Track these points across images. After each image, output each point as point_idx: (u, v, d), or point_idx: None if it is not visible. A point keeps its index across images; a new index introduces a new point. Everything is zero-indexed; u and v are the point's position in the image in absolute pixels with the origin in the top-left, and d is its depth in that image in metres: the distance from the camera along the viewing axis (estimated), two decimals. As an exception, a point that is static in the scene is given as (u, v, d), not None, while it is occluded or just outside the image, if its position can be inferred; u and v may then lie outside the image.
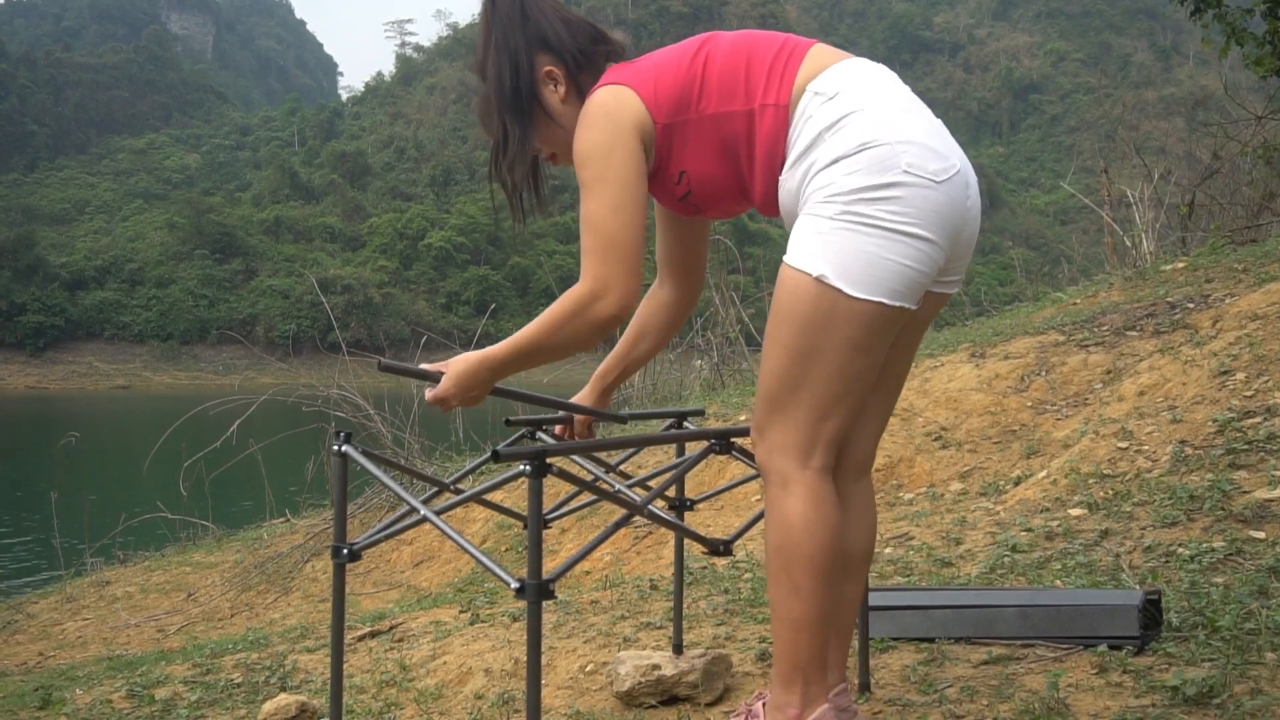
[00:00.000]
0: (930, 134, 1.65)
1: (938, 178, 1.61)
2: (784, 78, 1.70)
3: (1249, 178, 8.82)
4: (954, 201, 1.64)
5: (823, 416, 1.66)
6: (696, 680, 2.22)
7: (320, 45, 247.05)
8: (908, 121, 1.64)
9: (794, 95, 1.68)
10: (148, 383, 69.78)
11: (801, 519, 1.65)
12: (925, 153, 1.61)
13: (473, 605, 3.67)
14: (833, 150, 1.62)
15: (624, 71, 1.79)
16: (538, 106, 1.82)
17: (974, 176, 1.71)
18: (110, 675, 3.41)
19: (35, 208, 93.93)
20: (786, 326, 1.66)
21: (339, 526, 1.92)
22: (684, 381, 8.12)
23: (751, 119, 1.71)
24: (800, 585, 1.65)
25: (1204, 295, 5.06)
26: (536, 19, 1.81)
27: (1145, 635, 2.18)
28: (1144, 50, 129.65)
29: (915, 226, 1.59)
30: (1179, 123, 38.79)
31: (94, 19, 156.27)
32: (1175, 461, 3.29)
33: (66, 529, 8.10)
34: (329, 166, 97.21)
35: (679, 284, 2.05)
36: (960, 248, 1.71)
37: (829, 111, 1.64)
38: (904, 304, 1.64)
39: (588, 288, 1.70)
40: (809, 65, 1.70)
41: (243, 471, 7.41)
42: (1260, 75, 6.75)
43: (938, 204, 1.61)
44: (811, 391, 1.65)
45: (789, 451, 1.67)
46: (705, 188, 1.79)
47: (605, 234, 1.70)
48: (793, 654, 1.67)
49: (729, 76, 1.73)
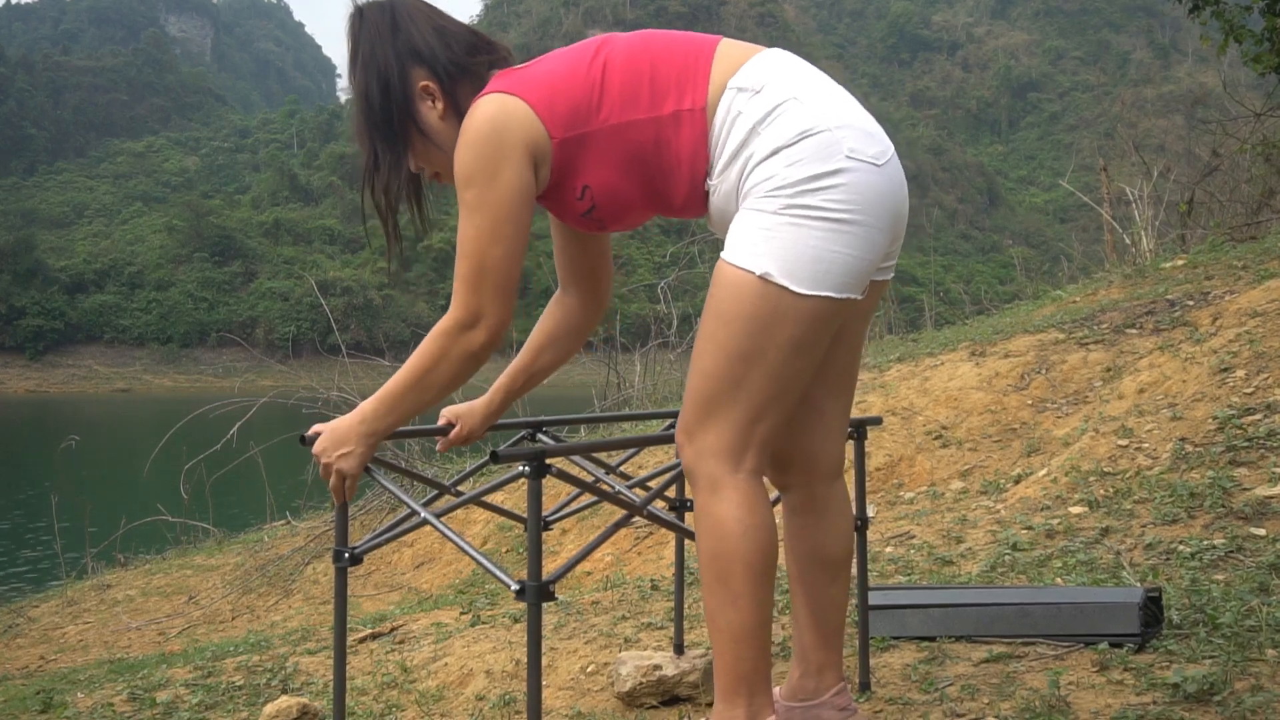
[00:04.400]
0: (863, 117, 1.61)
1: (878, 160, 1.57)
2: (697, 79, 1.61)
3: (1248, 175, 8.83)
4: (893, 184, 1.60)
5: (757, 418, 1.60)
6: (698, 680, 2.22)
7: (319, 47, 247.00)
8: (841, 106, 1.59)
9: (712, 96, 1.60)
10: (148, 386, 69.79)
11: (736, 524, 1.57)
12: (863, 136, 1.57)
13: (474, 607, 3.67)
14: (770, 142, 1.56)
15: (511, 78, 1.64)
16: (412, 125, 1.67)
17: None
18: (111, 678, 3.41)
19: (34, 211, 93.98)
20: (726, 328, 1.58)
21: (340, 530, 1.92)
22: (683, 381, 8.11)
23: (660, 126, 1.61)
24: (738, 593, 1.58)
25: (1204, 292, 5.06)
26: (407, 30, 1.67)
27: (1146, 633, 2.18)
28: (1143, 48, 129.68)
29: (859, 214, 1.55)
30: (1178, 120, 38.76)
31: (92, 22, 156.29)
32: (1175, 459, 3.29)
33: (67, 532, 8.11)
34: (328, 169, 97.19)
35: (583, 293, 1.92)
36: (898, 230, 1.66)
37: (758, 105, 1.57)
38: (851, 295, 1.59)
39: (458, 316, 1.61)
40: (722, 63, 1.62)
41: (243, 474, 7.42)
42: (1259, 72, 6.75)
43: (879, 188, 1.57)
44: (748, 393, 1.58)
45: (720, 454, 1.60)
46: (611, 201, 1.67)
47: (482, 263, 1.59)
48: (735, 665, 1.60)
49: (632, 82, 1.62)
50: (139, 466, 8.62)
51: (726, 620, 1.59)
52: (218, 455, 7.06)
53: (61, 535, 7.73)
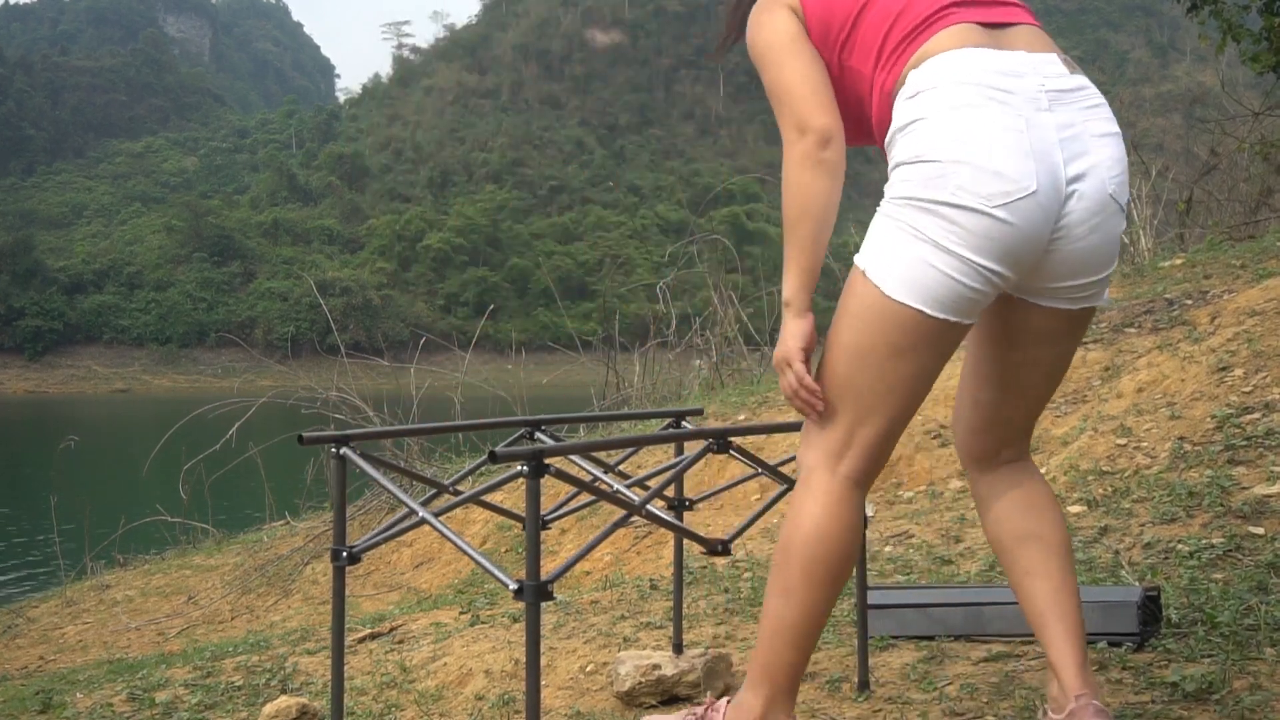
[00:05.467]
0: (995, 154, 1.51)
1: (992, 202, 1.51)
2: (903, 54, 1.61)
3: (1246, 174, 8.83)
4: (1019, 226, 1.52)
5: (861, 420, 1.61)
6: (697, 680, 2.23)
7: (317, 47, 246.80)
8: (973, 138, 1.52)
9: (898, 80, 1.61)
10: (147, 386, 69.80)
11: (812, 523, 1.60)
12: (981, 175, 1.51)
13: (473, 606, 3.67)
14: (898, 154, 1.58)
15: None
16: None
17: (1092, 185, 1.56)
18: (111, 679, 3.41)
19: (33, 212, 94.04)
20: (839, 321, 1.62)
21: (338, 529, 1.92)
22: (683, 381, 8.12)
23: (870, 87, 1.66)
24: (790, 588, 1.60)
25: (1202, 291, 5.06)
26: None
27: (1145, 631, 2.18)
28: (1141, 47, 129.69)
29: (963, 248, 1.52)
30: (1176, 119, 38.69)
31: (91, 23, 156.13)
32: (1174, 458, 3.30)
33: (66, 533, 8.10)
34: (327, 169, 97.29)
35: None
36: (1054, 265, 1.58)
37: (905, 112, 1.58)
38: (946, 316, 1.55)
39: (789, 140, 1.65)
40: (929, 46, 1.60)
41: (242, 474, 7.42)
42: (1257, 71, 6.75)
43: (990, 229, 1.51)
44: (854, 392, 1.60)
45: (821, 450, 1.63)
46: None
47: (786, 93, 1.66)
48: (767, 655, 1.61)
49: (874, 28, 1.65)
50: (138, 467, 8.63)
51: (773, 609, 1.62)
52: (217, 455, 7.07)
53: (61, 536, 7.73)
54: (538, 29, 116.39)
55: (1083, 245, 1.59)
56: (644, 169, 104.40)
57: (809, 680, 2.26)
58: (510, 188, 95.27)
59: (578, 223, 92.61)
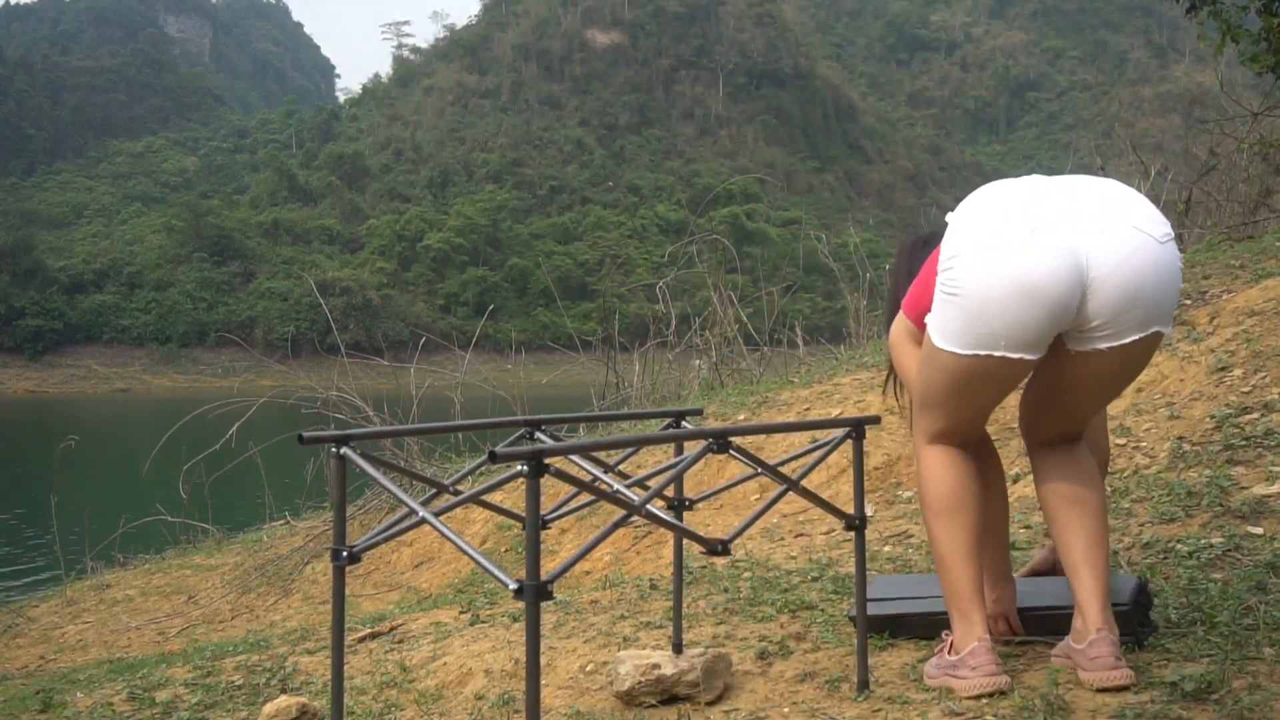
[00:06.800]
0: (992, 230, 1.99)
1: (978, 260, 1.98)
2: None
3: (1245, 174, 8.83)
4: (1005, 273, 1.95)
5: (935, 423, 2.17)
6: (696, 679, 2.23)
7: (317, 47, 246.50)
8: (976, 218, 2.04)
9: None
10: (147, 386, 69.74)
11: (926, 476, 2.17)
12: (975, 244, 2.00)
13: (473, 606, 3.68)
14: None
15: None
16: None
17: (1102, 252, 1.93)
18: (111, 678, 3.41)
19: (33, 212, 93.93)
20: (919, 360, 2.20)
21: (338, 529, 1.93)
22: (682, 381, 8.12)
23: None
24: (931, 529, 2.15)
25: (1201, 292, 5.06)
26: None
27: (1141, 631, 2.18)
28: (1140, 47, 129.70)
29: (961, 292, 2.00)
30: (1175, 119, 38.68)
31: (91, 23, 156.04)
32: (1173, 458, 3.30)
33: (66, 533, 8.11)
34: (327, 169, 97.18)
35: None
36: (1036, 309, 1.94)
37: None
38: (975, 351, 2.00)
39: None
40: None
41: (242, 474, 7.42)
42: (1256, 71, 6.74)
43: (978, 275, 1.97)
44: (929, 409, 2.17)
45: (919, 435, 2.21)
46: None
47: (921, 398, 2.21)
48: (946, 587, 2.11)
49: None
50: (138, 466, 8.62)
51: (933, 550, 2.15)
52: (217, 455, 7.07)
53: (61, 535, 7.73)
54: (538, 29, 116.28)
55: (1102, 300, 1.98)
56: (644, 169, 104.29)
57: (809, 680, 2.27)
58: (510, 188, 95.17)
59: (577, 223, 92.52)
